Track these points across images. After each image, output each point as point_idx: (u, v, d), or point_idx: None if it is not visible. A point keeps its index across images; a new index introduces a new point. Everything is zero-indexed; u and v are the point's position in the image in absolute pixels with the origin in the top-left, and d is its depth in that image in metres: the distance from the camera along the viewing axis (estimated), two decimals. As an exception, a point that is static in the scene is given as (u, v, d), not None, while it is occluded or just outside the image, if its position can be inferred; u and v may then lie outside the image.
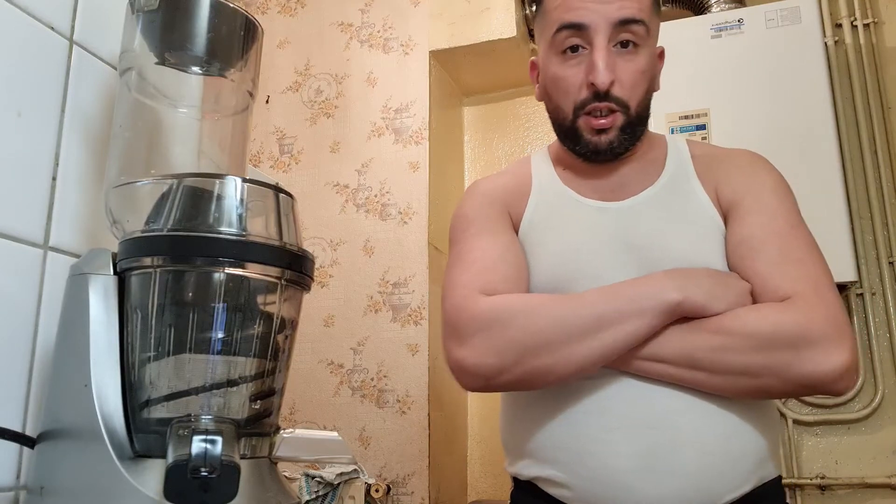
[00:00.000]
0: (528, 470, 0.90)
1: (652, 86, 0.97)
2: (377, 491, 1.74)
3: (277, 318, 0.55)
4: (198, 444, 0.45)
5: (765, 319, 0.80)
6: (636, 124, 0.94)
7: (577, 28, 0.91)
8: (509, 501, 0.95)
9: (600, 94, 0.90)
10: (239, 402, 0.53)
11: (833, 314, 0.80)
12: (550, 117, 0.99)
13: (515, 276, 0.91)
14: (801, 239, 0.89)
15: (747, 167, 0.96)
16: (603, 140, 0.93)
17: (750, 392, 0.81)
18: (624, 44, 0.91)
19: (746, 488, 0.82)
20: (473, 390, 0.88)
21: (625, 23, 0.90)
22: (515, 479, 0.94)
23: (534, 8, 0.92)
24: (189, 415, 0.51)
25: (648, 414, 0.83)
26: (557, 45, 0.94)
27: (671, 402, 0.83)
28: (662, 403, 0.83)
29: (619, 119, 0.92)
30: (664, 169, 0.99)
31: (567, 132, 0.96)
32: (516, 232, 0.98)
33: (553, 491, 0.87)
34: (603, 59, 0.90)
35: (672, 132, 1.75)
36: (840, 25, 1.91)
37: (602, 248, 0.90)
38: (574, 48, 0.92)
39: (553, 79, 0.95)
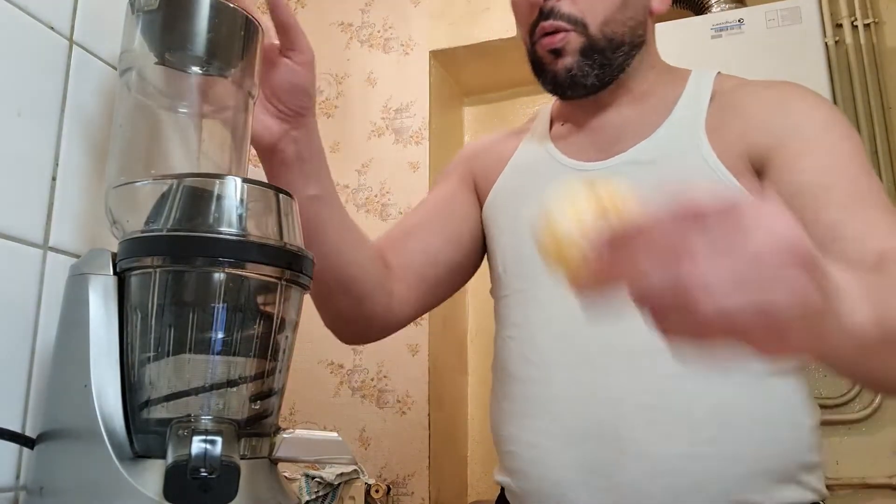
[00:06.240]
0: (496, 474, 0.82)
1: (631, 1, 0.78)
2: (377, 491, 1.74)
3: (277, 318, 0.55)
4: (198, 445, 0.45)
5: None
6: (605, 48, 0.76)
7: None
8: None
9: (544, 12, 0.77)
10: (239, 403, 0.53)
11: None
12: None
13: (415, 225, 0.87)
14: (879, 187, 0.68)
15: (786, 102, 0.75)
16: (560, 66, 0.77)
17: None
18: None
19: None
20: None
21: None
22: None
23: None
24: (189, 415, 0.51)
25: (591, 421, 0.70)
26: None
27: (618, 408, 0.69)
28: (608, 411, 0.69)
29: (573, 39, 0.76)
30: (670, 115, 0.79)
31: (532, 66, 0.82)
32: (482, 203, 0.88)
33: (511, 499, 0.79)
34: None
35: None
36: (840, 25, 1.91)
37: None
38: None
39: (512, 8, 0.84)
